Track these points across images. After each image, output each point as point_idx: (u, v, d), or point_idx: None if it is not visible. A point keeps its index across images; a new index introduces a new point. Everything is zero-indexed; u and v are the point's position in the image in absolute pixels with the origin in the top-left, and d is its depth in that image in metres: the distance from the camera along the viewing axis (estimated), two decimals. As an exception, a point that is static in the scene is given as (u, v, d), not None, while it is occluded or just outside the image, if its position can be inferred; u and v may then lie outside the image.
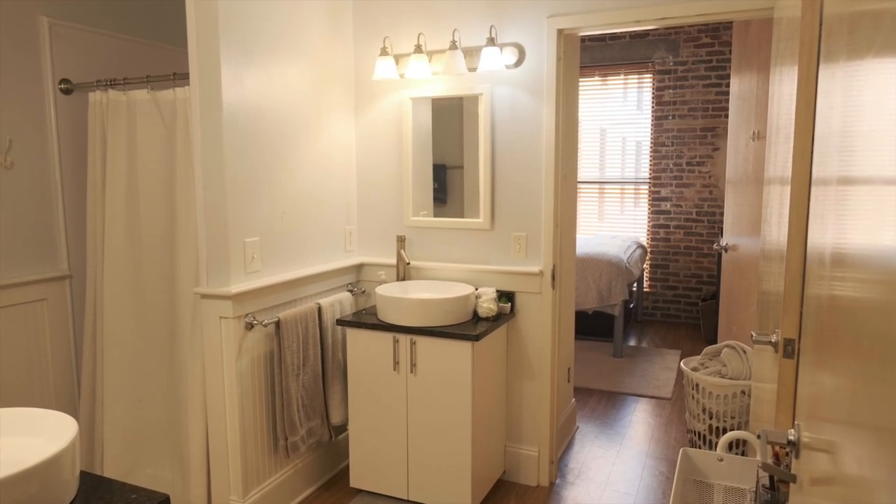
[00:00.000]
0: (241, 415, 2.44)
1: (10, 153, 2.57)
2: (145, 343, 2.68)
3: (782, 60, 1.71)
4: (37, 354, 2.71)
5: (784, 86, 1.63)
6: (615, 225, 6.13)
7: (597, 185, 6.13)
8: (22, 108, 2.61)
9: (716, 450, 2.14)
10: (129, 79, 2.62)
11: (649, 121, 5.86)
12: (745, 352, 2.89)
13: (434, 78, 2.90)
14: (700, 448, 2.96)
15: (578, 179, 4.81)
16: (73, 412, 2.84)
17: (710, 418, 2.86)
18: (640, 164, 5.98)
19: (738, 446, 2.74)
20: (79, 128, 2.81)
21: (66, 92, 2.75)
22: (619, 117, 5.99)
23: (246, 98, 2.40)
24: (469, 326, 2.58)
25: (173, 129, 2.54)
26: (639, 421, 3.65)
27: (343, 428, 3.00)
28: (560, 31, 2.71)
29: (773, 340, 1.45)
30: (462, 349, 2.50)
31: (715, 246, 3.84)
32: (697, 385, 2.91)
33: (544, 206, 2.77)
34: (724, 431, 2.82)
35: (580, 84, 5.28)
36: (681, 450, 1.98)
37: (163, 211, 2.61)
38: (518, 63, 2.76)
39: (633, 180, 6.01)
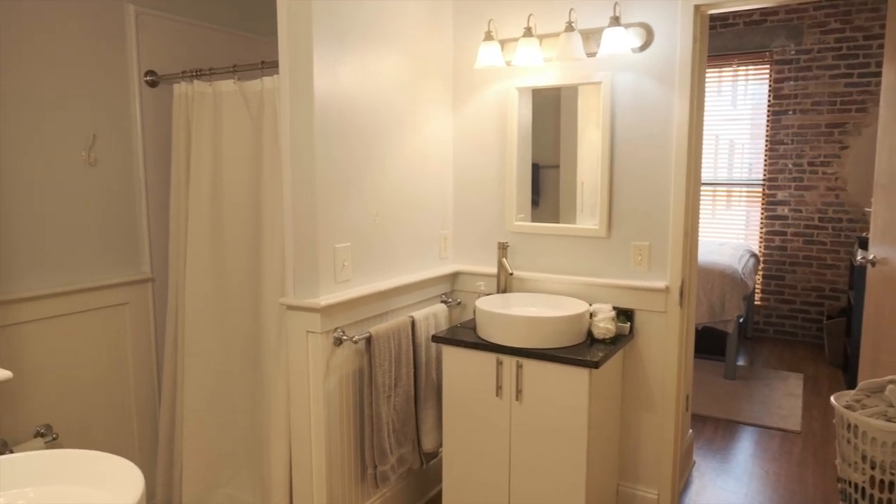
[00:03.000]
0: (328, 439, 2.19)
1: (93, 149, 2.43)
2: (228, 355, 2.48)
3: None
4: (118, 361, 2.56)
5: None
6: (722, 231, 5.59)
7: (707, 188, 5.60)
8: (106, 102, 2.47)
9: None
10: (215, 69, 2.43)
11: (764, 116, 5.29)
12: (914, 389, 2.40)
13: (545, 65, 2.57)
14: None
15: (688, 180, 4.35)
16: (154, 422, 2.69)
17: (873, 469, 2.39)
18: (750, 163, 5.42)
19: (907, 504, 2.27)
20: (164, 122, 2.65)
21: (152, 84, 2.59)
22: (730, 112, 5.45)
23: (339, 89, 2.15)
24: (584, 350, 2.24)
25: (260, 123, 2.32)
26: (765, 458, 3.19)
27: (435, 453, 2.71)
28: (697, 8, 2.32)
29: None
30: (577, 377, 2.15)
31: (859, 259, 3.31)
32: (856, 428, 2.44)
33: (673, 211, 2.39)
34: (893, 486, 2.34)
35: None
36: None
37: (248, 212, 2.40)
38: (644, 46, 2.39)
39: (745, 182, 5.45)
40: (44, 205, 2.29)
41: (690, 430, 3.10)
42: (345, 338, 2.20)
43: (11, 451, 2.18)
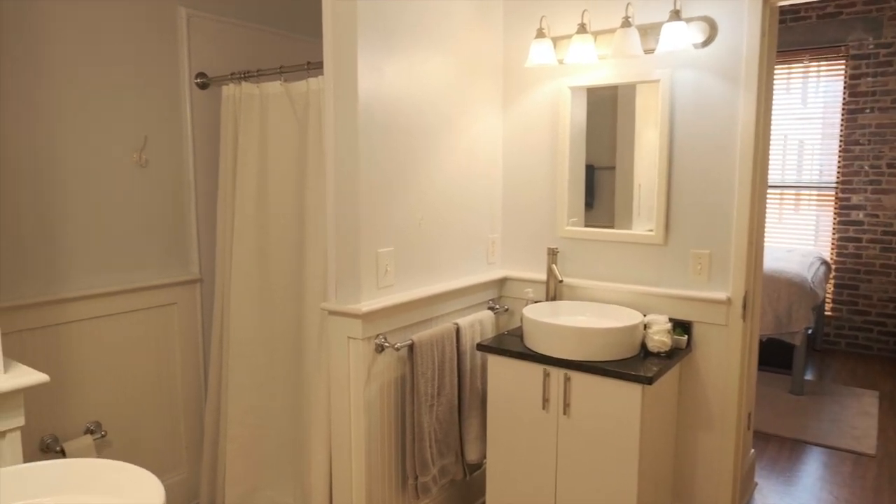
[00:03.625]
0: (368, 448, 2.14)
1: (145, 150, 2.46)
2: (271, 358, 2.47)
3: None
4: (166, 361, 2.59)
5: None
6: (790, 237, 5.29)
7: (774, 191, 5.32)
8: (158, 104, 2.49)
9: None
10: (262, 70, 2.42)
11: (838, 115, 4.97)
12: None
13: (599, 63, 2.45)
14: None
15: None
16: (200, 422, 2.71)
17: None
18: (821, 165, 5.10)
19: None
20: (213, 124, 2.66)
21: (203, 86, 2.60)
22: (800, 111, 5.15)
23: (383, 89, 2.10)
24: (637, 363, 2.11)
25: (305, 124, 2.29)
26: (835, 482, 2.97)
27: (479, 465, 2.63)
28: (766, 1, 2.16)
29: None
30: (629, 392, 2.03)
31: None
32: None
33: (736, 218, 2.23)
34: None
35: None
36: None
37: (293, 214, 2.38)
38: (707, 42, 2.24)
39: (816, 185, 5.14)
40: (96, 205, 2.33)
41: (752, 450, 2.91)
42: (386, 344, 2.15)
43: (62, 448, 2.22)
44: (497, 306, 2.71)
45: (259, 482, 2.53)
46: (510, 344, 2.32)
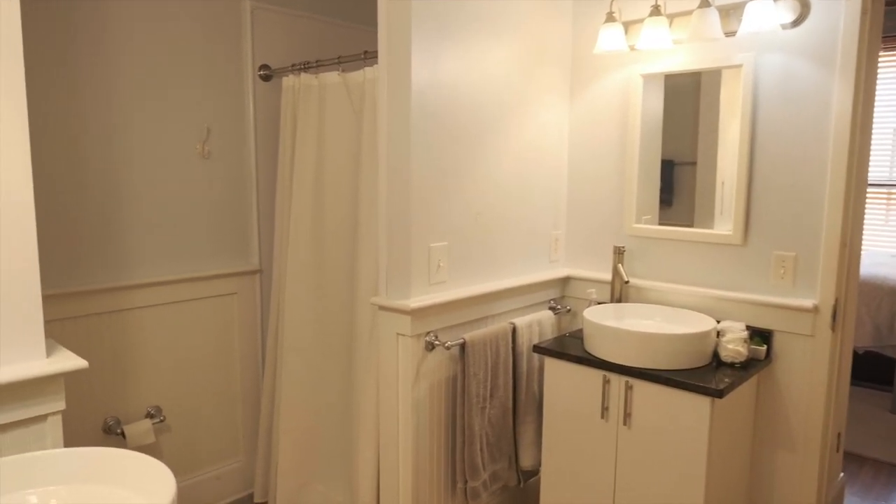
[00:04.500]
0: (416, 448, 2.08)
1: (208, 142, 2.49)
2: (324, 352, 2.45)
3: None
4: (225, 350, 2.63)
5: None
6: (888, 239, 4.81)
7: (879, 190, 4.86)
8: (221, 96, 2.52)
9: None
10: (321, 61, 2.40)
11: (957, 106, 4.47)
12: None
13: (674, 48, 2.27)
14: None
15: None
16: (257, 413, 2.74)
17: None
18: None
19: None
20: (276, 117, 2.67)
21: (266, 78, 2.62)
22: (911, 102, 4.67)
23: (439, 79, 2.02)
24: (707, 374, 1.94)
25: (360, 115, 2.25)
26: (940, 516, 2.65)
27: (534, 472, 2.51)
28: (868, -28, 1.92)
29: None
30: (697, 405, 1.86)
31: None
32: None
33: (827, 217, 2.00)
34: None
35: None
36: None
37: (347, 207, 2.35)
38: (798, 21, 2.02)
39: (927, 183, 4.65)
40: (160, 195, 2.38)
41: (842, 474, 2.64)
42: (437, 343, 2.07)
43: (122, 430, 2.28)
44: (558, 306, 2.58)
45: (310, 477, 2.52)
46: (569, 347, 2.19)
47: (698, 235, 2.28)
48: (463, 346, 2.11)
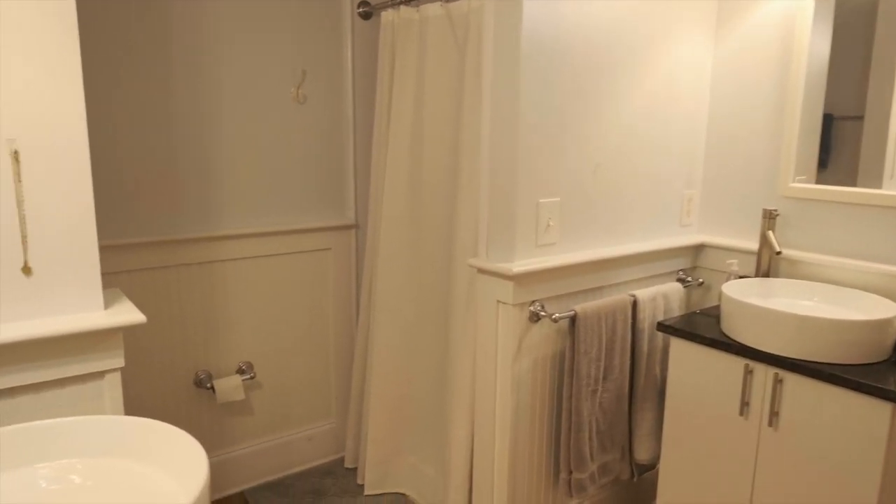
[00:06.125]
0: (514, 430, 1.84)
1: (303, 86, 2.32)
2: (419, 315, 2.25)
3: None
4: (318, 307, 2.50)
5: None
6: None
7: None
8: (317, 37, 2.33)
9: None
10: (424, -9, 2.13)
11: None
12: None
13: (861, -42, 1.79)
14: None
15: None
16: (350, 375, 2.61)
17: None
18: None
19: None
20: (375, 59, 2.45)
21: (365, 16, 2.39)
22: None
23: (555, 7, 1.69)
24: (885, 372, 1.53)
25: (464, 51, 1.97)
26: None
27: (651, 466, 2.20)
28: None
29: None
30: (872, 410, 1.47)
31: None
32: None
33: None
34: None
35: None
36: None
37: (447, 156, 2.10)
38: None
39: None
40: (252, 143, 2.24)
41: None
42: (543, 314, 1.80)
43: (212, 385, 2.22)
44: (689, 278, 2.21)
45: (401, 445, 2.36)
46: (702, 327, 1.84)
47: (875, 197, 1.82)
48: (573, 319, 1.82)
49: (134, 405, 2.11)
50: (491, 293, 1.81)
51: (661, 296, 2.04)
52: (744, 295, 1.86)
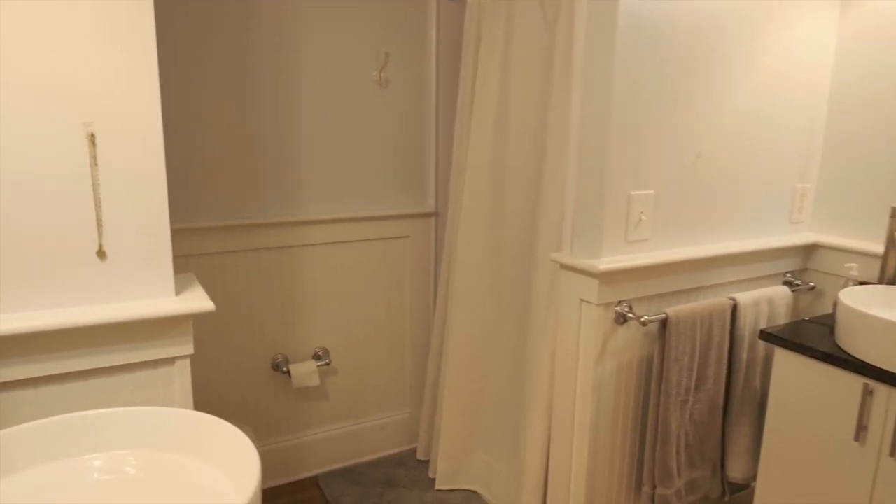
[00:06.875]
0: (594, 437, 1.72)
1: (386, 69, 2.27)
2: (497, 309, 2.16)
3: None
4: (396, 296, 2.46)
5: None
6: None
7: None
8: (402, 17, 2.26)
9: None
10: (514, -33, 2.01)
11: None
12: None
13: None
14: None
15: None
16: (424, 366, 2.56)
17: None
18: None
19: None
20: (460, 40, 2.36)
21: (452, -4, 2.30)
22: None
23: (660, -27, 1.54)
24: None
25: (554, 30, 1.84)
26: None
27: (745, 486, 2.02)
28: None
29: None
30: None
31: None
32: None
33: None
34: None
35: None
36: None
37: (533, 141, 1.98)
38: None
39: None
40: (333, 127, 2.21)
41: None
42: (630, 315, 1.66)
43: (288, 369, 2.22)
44: (798, 282, 1.99)
45: (474, 443, 2.29)
46: (812, 337, 1.64)
47: None
48: (664, 323, 1.68)
49: (213, 386, 2.15)
50: (574, 291, 1.69)
51: (766, 300, 1.85)
52: (864, 304, 1.64)
